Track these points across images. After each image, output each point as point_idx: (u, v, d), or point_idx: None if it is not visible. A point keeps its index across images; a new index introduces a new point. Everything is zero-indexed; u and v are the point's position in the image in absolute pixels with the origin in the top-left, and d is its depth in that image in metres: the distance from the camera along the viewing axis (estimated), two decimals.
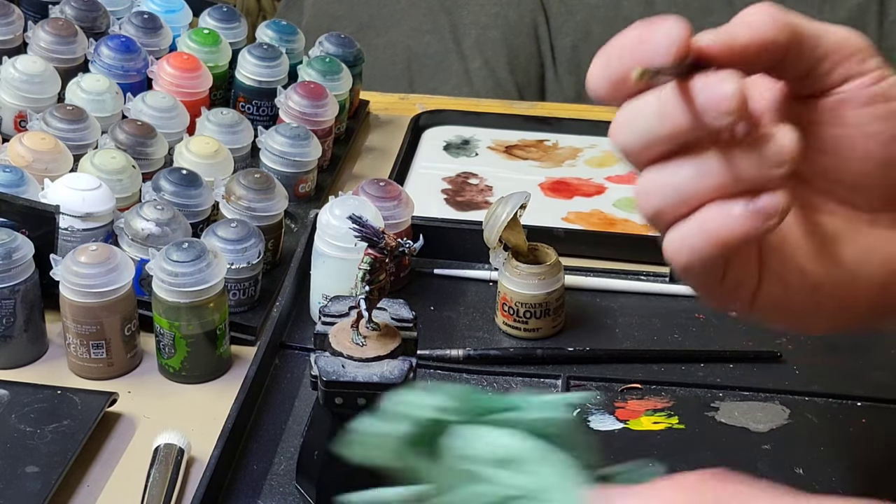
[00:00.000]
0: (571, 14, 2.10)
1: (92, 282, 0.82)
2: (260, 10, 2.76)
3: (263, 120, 1.14)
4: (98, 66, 1.08)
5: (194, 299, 0.82)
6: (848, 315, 0.57)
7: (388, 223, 0.91)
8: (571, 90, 2.08)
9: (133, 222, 0.88)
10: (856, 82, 0.52)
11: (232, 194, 0.94)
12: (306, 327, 0.90)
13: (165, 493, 0.73)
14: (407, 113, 1.27)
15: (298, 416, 0.81)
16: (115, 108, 1.04)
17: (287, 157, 1.04)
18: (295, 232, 1.03)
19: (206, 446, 0.75)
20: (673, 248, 0.52)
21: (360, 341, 0.67)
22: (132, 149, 0.97)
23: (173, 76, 1.08)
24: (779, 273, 0.55)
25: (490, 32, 2.08)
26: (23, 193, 0.89)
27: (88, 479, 0.76)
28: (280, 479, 0.75)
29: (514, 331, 0.90)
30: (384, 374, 0.65)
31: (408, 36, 2.10)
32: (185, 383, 0.86)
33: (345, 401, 0.66)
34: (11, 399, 0.80)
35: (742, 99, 0.47)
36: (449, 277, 0.98)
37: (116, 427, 0.81)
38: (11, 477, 0.73)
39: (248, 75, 1.14)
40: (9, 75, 1.02)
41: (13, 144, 0.94)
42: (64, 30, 1.08)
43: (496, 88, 2.02)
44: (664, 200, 0.51)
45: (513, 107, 1.34)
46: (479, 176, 1.16)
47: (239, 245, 0.89)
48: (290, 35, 1.20)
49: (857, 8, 2.09)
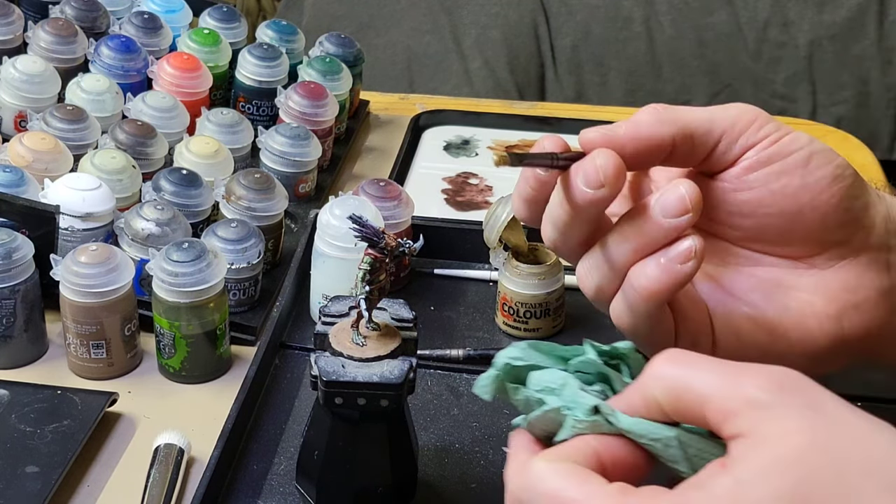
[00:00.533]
0: (571, 14, 2.10)
1: (92, 282, 0.82)
2: (260, 10, 2.76)
3: (263, 120, 1.14)
4: (98, 66, 1.08)
5: (194, 299, 0.82)
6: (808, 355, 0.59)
7: (388, 223, 0.91)
8: (571, 90, 2.08)
9: (133, 222, 0.88)
10: (755, 148, 0.57)
11: (232, 194, 0.94)
12: (306, 327, 0.90)
13: (165, 493, 0.73)
14: (407, 113, 1.27)
15: (298, 416, 0.81)
16: (115, 108, 1.04)
17: (287, 157, 1.04)
18: (295, 232, 1.03)
19: (206, 446, 0.75)
20: (616, 313, 0.57)
21: (360, 341, 0.67)
22: (132, 149, 0.97)
23: (173, 76, 1.08)
24: (729, 324, 0.59)
25: (490, 32, 2.08)
26: (23, 193, 0.89)
27: (88, 479, 0.76)
28: (280, 479, 0.75)
29: (514, 331, 0.90)
30: (384, 374, 0.65)
31: (408, 36, 2.10)
32: (185, 383, 0.86)
33: (345, 401, 0.66)
34: (11, 399, 0.80)
35: (611, 170, 0.53)
36: (449, 277, 0.98)
37: (116, 427, 0.81)
38: (11, 477, 0.73)
39: (248, 75, 1.14)
40: (9, 75, 1.02)
41: (13, 144, 0.94)
42: (64, 30, 1.08)
43: (496, 88, 2.02)
44: (600, 278, 0.57)
45: (513, 107, 1.34)
46: (479, 176, 1.16)
47: (239, 245, 0.89)
48: (290, 35, 1.20)
49: (857, 8, 2.10)
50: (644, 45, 2.09)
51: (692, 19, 2.10)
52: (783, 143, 0.57)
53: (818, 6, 2.10)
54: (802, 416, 0.44)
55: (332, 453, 0.69)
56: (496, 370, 0.54)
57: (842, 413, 0.45)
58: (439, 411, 0.82)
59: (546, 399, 0.52)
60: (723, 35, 2.10)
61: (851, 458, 0.43)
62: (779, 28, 2.10)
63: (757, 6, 2.11)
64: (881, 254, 0.60)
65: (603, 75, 2.10)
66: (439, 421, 0.81)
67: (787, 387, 0.45)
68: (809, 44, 2.09)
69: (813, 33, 2.09)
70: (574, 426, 0.50)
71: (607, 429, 0.50)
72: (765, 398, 0.44)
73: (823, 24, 2.10)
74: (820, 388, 0.46)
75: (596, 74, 2.09)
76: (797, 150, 0.57)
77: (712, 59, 2.09)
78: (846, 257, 0.59)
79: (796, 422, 0.44)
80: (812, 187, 0.57)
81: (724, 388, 0.46)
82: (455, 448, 0.78)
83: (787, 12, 2.11)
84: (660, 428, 0.49)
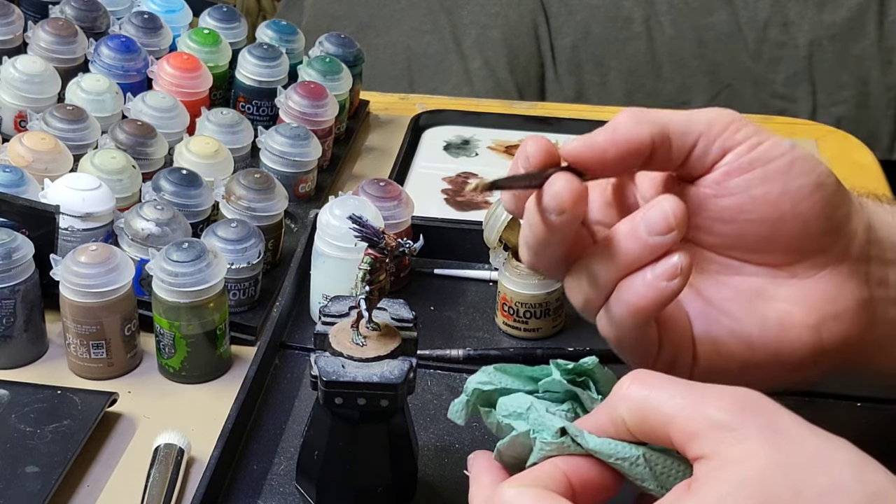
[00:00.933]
0: (571, 14, 2.10)
1: (92, 282, 0.82)
2: (260, 10, 2.76)
3: (263, 120, 1.14)
4: (98, 66, 1.08)
5: (194, 299, 0.82)
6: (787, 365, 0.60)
7: (388, 223, 0.91)
8: (571, 90, 2.08)
9: (133, 222, 0.88)
10: (734, 153, 0.57)
11: (232, 194, 0.94)
12: (306, 327, 0.90)
13: (165, 493, 0.73)
14: (407, 113, 1.27)
15: (298, 416, 0.81)
16: (115, 108, 1.04)
17: (287, 157, 1.04)
18: (295, 232, 1.03)
19: (206, 446, 0.75)
20: (602, 326, 0.58)
21: (360, 341, 0.67)
22: (132, 149, 0.97)
23: (173, 76, 1.08)
24: (709, 336, 0.59)
25: (490, 32, 2.08)
26: (23, 193, 0.89)
27: (88, 479, 0.76)
28: (280, 479, 0.75)
29: (514, 331, 0.90)
30: (384, 374, 0.65)
31: (408, 36, 2.10)
32: (185, 383, 0.86)
33: (345, 401, 0.66)
34: (11, 399, 0.80)
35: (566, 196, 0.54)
36: (449, 277, 0.98)
37: (116, 427, 0.81)
38: (11, 477, 0.73)
39: (248, 75, 1.14)
40: (9, 75, 1.02)
41: (13, 144, 0.94)
42: (64, 30, 1.08)
43: (496, 88, 2.02)
44: (587, 293, 0.58)
45: (513, 107, 1.34)
46: (479, 176, 1.16)
47: (239, 245, 0.89)
48: (290, 35, 1.20)
49: (857, 8, 2.09)
50: (644, 45, 2.09)
51: (692, 19, 2.10)
52: (764, 149, 0.57)
53: (818, 6, 2.10)
54: (763, 438, 0.45)
55: (332, 453, 0.69)
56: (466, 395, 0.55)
57: (801, 434, 0.45)
58: (439, 411, 0.82)
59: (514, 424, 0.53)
60: (723, 35, 2.10)
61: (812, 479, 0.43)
62: (779, 28, 2.10)
63: (757, 6, 2.11)
64: (861, 265, 0.60)
65: (603, 75, 2.10)
66: (439, 421, 0.81)
67: (747, 408, 0.46)
68: (809, 44, 2.09)
69: (813, 33, 2.09)
70: (542, 449, 0.51)
71: (575, 449, 0.50)
72: (726, 419, 0.45)
73: (823, 24, 2.10)
74: (780, 409, 0.47)
75: (596, 74, 2.09)
76: (779, 156, 0.57)
77: (712, 59, 2.09)
78: (827, 266, 0.59)
79: (758, 443, 0.44)
80: (794, 195, 0.57)
81: (687, 409, 0.46)
82: (455, 448, 0.78)
83: (787, 12, 2.10)
84: (626, 447, 0.50)
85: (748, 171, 0.57)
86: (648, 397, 0.48)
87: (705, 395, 0.47)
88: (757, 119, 1.34)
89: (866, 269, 0.60)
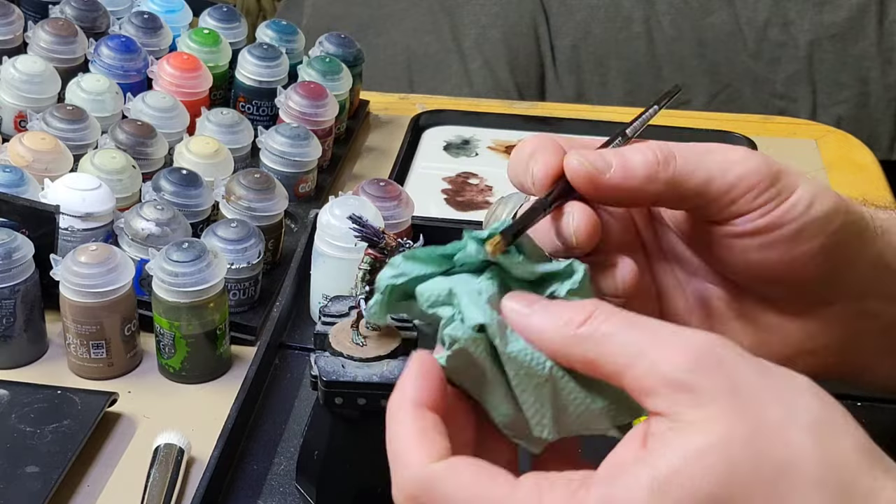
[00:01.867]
0: (571, 14, 2.10)
1: (92, 282, 0.82)
2: (260, 10, 2.76)
3: (263, 120, 1.14)
4: (98, 66, 1.08)
5: (194, 299, 0.82)
6: None
7: (388, 223, 0.91)
8: (571, 90, 2.08)
9: (133, 222, 0.88)
10: (744, 218, 0.55)
11: (232, 194, 0.94)
12: (306, 327, 0.90)
13: (165, 493, 0.73)
14: (407, 113, 1.27)
15: (298, 416, 0.81)
16: (115, 108, 1.04)
17: (287, 157, 1.04)
18: (295, 232, 1.03)
19: (206, 446, 0.75)
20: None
21: (360, 341, 0.67)
22: (132, 149, 0.97)
23: (173, 76, 1.08)
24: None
25: (490, 32, 2.08)
26: (23, 193, 0.89)
27: (88, 479, 0.77)
28: (280, 479, 0.75)
29: None
30: (384, 374, 0.65)
31: (408, 36, 2.10)
32: (185, 383, 0.86)
33: (345, 401, 0.66)
34: (11, 399, 0.80)
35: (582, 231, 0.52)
36: None
37: (116, 427, 0.81)
38: (11, 477, 0.73)
39: (248, 75, 1.14)
40: (9, 75, 1.02)
41: (13, 144, 0.94)
42: (64, 30, 1.08)
43: (496, 88, 2.02)
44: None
45: (513, 107, 1.34)
46: (479, 176, 1.16)
47: (239, 245, 0.89)
48: (290, 35, 1.20)
49: (857, 8, 2.09)
50: (644, 45, 2.09)
51: (692, 19, 2.10)
52: (775, 216, 0.54)
53: (818, 6, 2.10)
54: (723, 401, 0.42)
55: (332, 453, 0.69)
56: (380, 293, 0.50)
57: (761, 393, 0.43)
58: None
59: (440, 312, 0.48)
60: (723, 35, 2.10)
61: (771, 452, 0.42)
62: (779, 28, 2.10)
63: (757, 6, 2.11)
64: (854, 303, 0.59)
65: (603, 75, 2.10)
66: None
67: (706, 364, 0.43)
68: (809, 44, 2.09)
69: (813, 33, 2.09)
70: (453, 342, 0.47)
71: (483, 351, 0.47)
72: (682, 378, 0.43)
73: (823, 24, 2.09)
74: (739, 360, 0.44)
75: (596, 74, 2.09)
76: (788, 222, 0.54)
77: (712, 59, 2.09)
78: (815, 306, 0.58)
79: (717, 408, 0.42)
80: (794, 262, 0.55)
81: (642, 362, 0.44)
82: None
83: (787, 12, 2.10)
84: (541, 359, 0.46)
85: (751, 237, 0.55)
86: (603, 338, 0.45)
87: (665, 346, 0.44)
88: (757, 119, 1.34)
89: (860, 305, 0.59)
